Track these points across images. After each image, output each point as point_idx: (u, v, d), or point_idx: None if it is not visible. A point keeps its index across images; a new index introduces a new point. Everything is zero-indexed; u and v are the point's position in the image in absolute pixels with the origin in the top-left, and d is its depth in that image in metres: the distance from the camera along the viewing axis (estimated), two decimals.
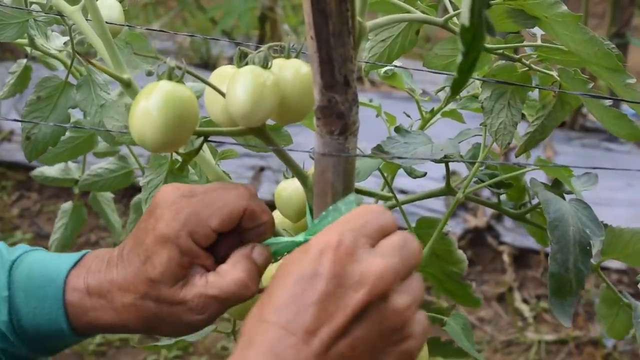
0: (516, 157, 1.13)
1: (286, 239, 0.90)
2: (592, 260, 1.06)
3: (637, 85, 0.98)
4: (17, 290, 0.93)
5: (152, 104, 0.86)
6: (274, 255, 0.90)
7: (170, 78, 0.87)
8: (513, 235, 2.74)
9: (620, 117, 1.00)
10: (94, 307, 0.92)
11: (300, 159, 0.94)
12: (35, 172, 1.52)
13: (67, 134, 1.32)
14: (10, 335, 0.93)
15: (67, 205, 1.53)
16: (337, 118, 0.79)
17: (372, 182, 1.14)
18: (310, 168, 0.95)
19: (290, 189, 1.17)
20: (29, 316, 0.93)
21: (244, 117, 0.86)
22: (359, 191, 1.07)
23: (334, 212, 0.83)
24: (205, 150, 0.95)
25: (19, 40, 1.25)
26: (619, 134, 1.04)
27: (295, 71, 0.89)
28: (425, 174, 1.12)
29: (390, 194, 1.07)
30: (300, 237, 0.87)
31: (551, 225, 1.01)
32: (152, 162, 1.18)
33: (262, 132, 0.90)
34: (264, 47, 0.89)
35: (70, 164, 1.54)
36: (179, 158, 1.01)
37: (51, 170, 1.54)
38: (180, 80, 0.88)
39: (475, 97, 1.23)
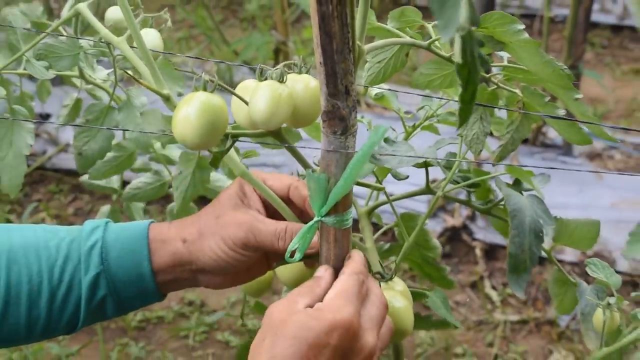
0: (494, 164, 1.13)
1: (306, 225, 0.88)
2: (545, 246, 1.08)
3: (586, 105, 1.00)
4: (109, 245, 0.92)
5: (191, 110, 0.87)
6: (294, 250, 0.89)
7: (205, 89, 0.88)
8: (484, 232, 2.75)
9: (573, 125, 1.00)
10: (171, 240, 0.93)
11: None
12: (84, 179, 1.53)
13: (111, 153, 1.31)
14: (103, 287, 0.91)
15: (106, 208, 1.52)
16: (339, 120, 0.80)
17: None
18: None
19: None
20: (118, 263, 0.91)
21: (263, 123, 0.87)
22: (360, 184, 1.09)
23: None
24: (232, 150, 0.97)
25: (69, 73, 1.25)
26: (572, 140, 1.04)
27: (305, 84, 0.89)
28: (407, 177, 1.12)
29: (382, 186, 1.08)
30: (316, 218, 0.86)
31: (511, 214, 1.02)
32: (183, 157, 1.18)
33: (278, 134, 0.91)
34: (280, 65, 0.90)
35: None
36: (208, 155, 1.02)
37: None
38: (212, 92, 0.89)
39: (452, 113, 1.24)
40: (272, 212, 0.93)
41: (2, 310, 0.88)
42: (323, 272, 0.87)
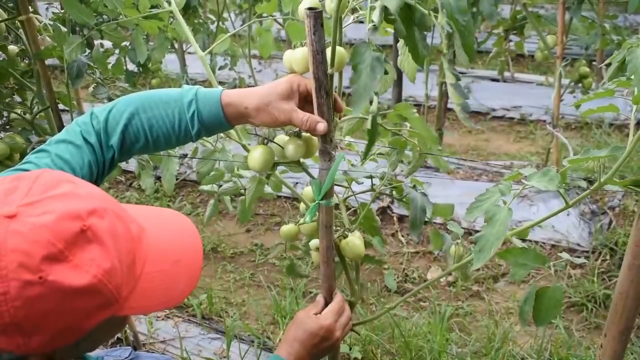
0: (405, 177, 1.12)
1: (313, 204, 0.85)
2: (428, 216, 1.07)
3: (445, 148, 0.99)
4: (201, 113, 0.77)
5: (256, 153, 0.86)
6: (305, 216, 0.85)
7: (263, 142, 0.88)
8: (398, 209, 2.72)
9: (438, 158, 1.00)
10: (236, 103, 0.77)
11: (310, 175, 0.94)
12: (200, 188, 1.46)
13: (213, 172, 1.26)
14: (198, 124, 0.78)
15: (212, 201, 1.46)
16: (327, 154, 0.79)
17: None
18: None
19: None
20: (205, 113, 0.77)
21: (291, 157, 0.86)
22: (339, 185, 1.07)
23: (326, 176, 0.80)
24: (276, 170, 0.96)
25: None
26: (438, 165, 1.04)
27: (314, 139, 0.87)
28: (362, 183, 1.11)
29: (349, 187, 1.06)
30: (316, 201, 0.84)
31: (410, 201, 1.02)
32: (252, 179, 1.13)
33: (298, 162, 0.90)
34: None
35: (213, 185, 1.46)
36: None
37: (205, 188, 1.43)
38: (267, 144, 0.88)
39: (381, 153, 1.22)
40: (307, 109, 0.79)
41: (153, 147, 0.79)
42: (319, 298, 0.93)
